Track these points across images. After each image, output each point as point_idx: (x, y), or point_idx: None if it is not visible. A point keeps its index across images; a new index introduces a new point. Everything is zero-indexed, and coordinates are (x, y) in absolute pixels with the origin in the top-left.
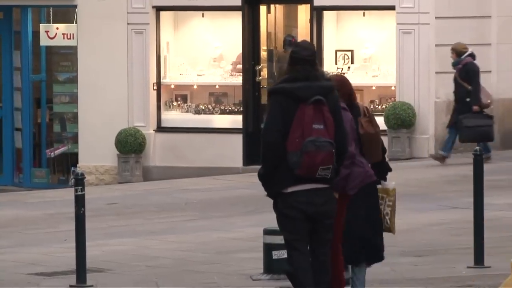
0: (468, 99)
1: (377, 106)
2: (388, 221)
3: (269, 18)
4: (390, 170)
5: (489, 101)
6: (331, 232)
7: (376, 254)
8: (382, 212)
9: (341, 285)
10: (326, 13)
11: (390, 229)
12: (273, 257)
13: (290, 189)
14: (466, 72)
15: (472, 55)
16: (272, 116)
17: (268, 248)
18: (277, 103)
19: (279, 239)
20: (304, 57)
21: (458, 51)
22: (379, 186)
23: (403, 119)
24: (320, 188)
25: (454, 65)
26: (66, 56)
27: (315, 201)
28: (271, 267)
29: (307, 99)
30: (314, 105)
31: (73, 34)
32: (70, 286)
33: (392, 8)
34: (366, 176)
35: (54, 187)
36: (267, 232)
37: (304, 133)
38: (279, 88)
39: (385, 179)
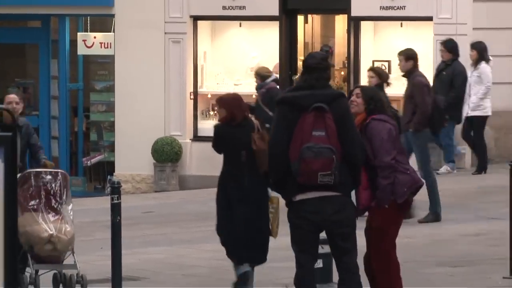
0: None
1: None
2: (270, 226)
3: (306, 28)
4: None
5: None
6: (350, 241)
7: (258, 255)
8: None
9: None
10: (363, 24)
11: (272, 234)
12: None
13: (298, 197)
14: (270, 98)
15: (276, 80)
16: (276, 127)
17: None
18: (281, 114)
19: None
20: (310, 65)
21: (262, 75)
22: None
23: None
24: (330, 196)
25: (258, 89)
26: (103, 65)
27: (324, 210)
28: None
29: (308, 107)
30: (315, 112)
31: (110, 43)
32: None
33: (429, 19)
34: (414, 182)
35: (91, 195)
36: None
37: (303, 140)
38: (282, 98)
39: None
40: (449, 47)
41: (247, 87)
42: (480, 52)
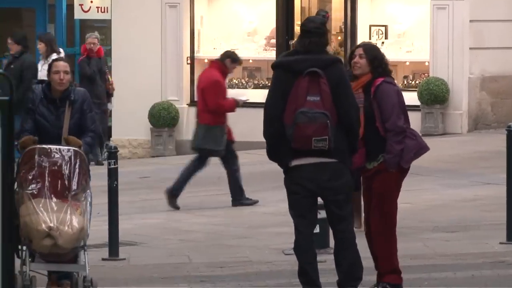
0: None
1: (410, 82)
2: None
3: None
4: None
5: None
6: (345, 208)
7: None
8: None
9: (390, 267)
10: None
11: None
12: None
13: (293, 163)
14: None
15: None
16: (271, 90)
17: None
18: (276, 78)
19: None
20: (309, 29)
21: None
22: None
23: (436, 95)
24: (325, 162)
25: None
26: (100, 30)
27: (319, 176)
28: None
29: (303, 72)
30: (309, 77)
31: (107, 8)
32: (103, 259)
33: None
34: (421, 147)
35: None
36: None
37: (297, 105)
38: (277, 62)
39: None
40: (17, 39)
41: (244, 52)
42: (49, 44)
